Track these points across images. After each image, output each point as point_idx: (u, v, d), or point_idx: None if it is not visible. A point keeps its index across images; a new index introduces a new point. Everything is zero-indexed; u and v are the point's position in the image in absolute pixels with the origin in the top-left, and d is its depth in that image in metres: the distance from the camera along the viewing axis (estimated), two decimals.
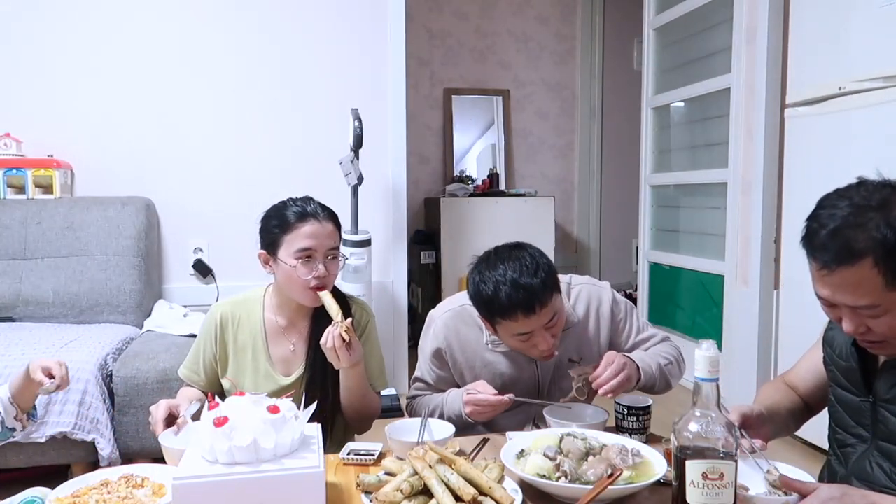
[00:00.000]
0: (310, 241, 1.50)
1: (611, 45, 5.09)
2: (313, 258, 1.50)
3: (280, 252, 1.51)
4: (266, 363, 1.59)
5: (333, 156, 3.12)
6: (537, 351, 1.47)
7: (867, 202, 1.03)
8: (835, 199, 1.06)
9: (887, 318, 1.05)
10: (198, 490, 1.03)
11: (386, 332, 3.37)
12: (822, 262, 1.05)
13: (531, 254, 1.46)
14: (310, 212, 1.52)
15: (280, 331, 1.61)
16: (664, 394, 1.59)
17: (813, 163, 2.58)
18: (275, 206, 1.57)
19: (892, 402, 1.12)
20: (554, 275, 1.45)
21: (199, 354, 1.63)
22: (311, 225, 1.51)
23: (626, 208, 4.79)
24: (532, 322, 1.41)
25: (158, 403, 1.43)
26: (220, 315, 1.61)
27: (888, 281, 1.01)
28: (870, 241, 1.00)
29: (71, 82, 3.04)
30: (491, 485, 1.03)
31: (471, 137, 5.00)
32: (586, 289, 1.64)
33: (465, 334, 1.60)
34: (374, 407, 1.60)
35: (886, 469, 1.13)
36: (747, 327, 3.10)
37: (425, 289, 4.39)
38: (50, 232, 2.81)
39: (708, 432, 0.95)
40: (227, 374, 1.61)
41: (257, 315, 1.61)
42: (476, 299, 1.47)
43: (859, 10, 2.36)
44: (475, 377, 1.58)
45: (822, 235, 1.04)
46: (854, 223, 1.02)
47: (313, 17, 3.24)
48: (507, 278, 1.40)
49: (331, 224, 1.54)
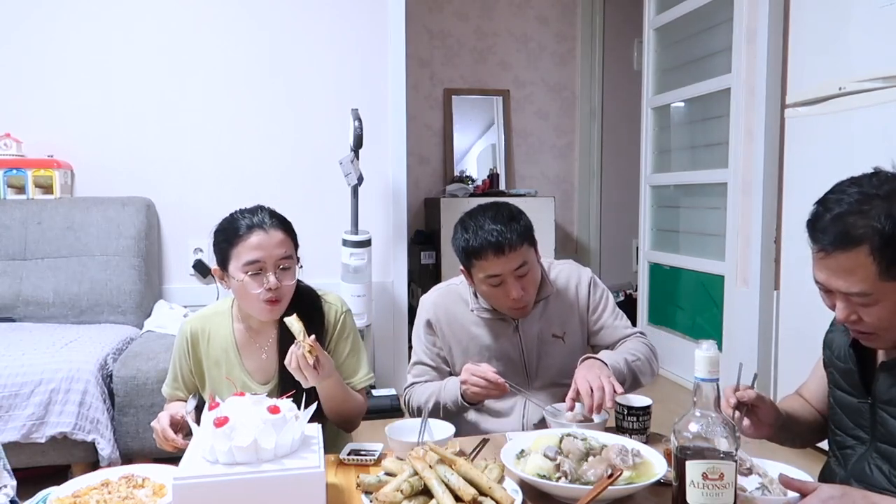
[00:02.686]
0: (257, 252, 1.44)
1: (611, 45, 5.09)
2: (263, 270, 1.44)
3: (230, 266, 1.47)
4: (242, 374, 1.56)
5: (333, 156, 3.12)
6: (509, 300, 1.54)
7: (875, 191, 1.04)
8: (846, 186, 1.08)
9: (878, 308, 1.05)
10: (198, 490, 1.03)
11: (386, 332, 3.37)
12: (821, 244, 1.06)
13: (510, 207, 1.58)
14: (255, 222, 1.46)
15: (250, 340, 1.57)
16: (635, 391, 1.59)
17: (813, 163, 2.58)
18: (224, 218, 1.52)
19: (891, 404, 1.12)
20: (528, 227, 1.56)
21: (176, 371, 1.60)
22: (256, 236, 1.44)
23: (626, 208, 4.79)
24: (501, 263, 1.50)
25: (158, 417, 1.42)
26: (191, 331, 1.57)
27: (882, 270, 1.02)
28: (868, 229, 1.01)
29: (71, 82, 3.04)
30: (491, 485, 1.03)
31: (471, 138, 5.00)
32: (567, 267, 1.74)
33: (452, 309, 1.69)
34: (357, 409, 1.57)
35: (885, 471, 1.12)
36: (747, 327, 3.10)
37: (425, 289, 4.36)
38: (50, 232, 2.81)
39: (708, 432, 0.95)
40: (206, 386, 1.58)
41: (227, 328, 1.57)
42: (456, 244, 1.58)
43: (859, 11, 2.36)
44: (463, 350, 1.66)
45: (826, 219, 1.06)
46: (857, 210, 1.03)
47: (313, 18, 3.24)
48: (483, 223, 1.52)
49: (279, 233, 1.47)
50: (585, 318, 1.69)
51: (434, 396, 1.61)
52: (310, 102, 3.26)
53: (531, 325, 1.65)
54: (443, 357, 1.70)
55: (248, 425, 1.07)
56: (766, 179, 3.00)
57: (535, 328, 1.65)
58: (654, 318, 4.07)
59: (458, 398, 1.56)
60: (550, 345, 1.66)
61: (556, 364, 1.65)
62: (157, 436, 1.40)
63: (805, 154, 2.64)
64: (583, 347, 1.69)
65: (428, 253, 4.39)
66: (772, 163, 2.98)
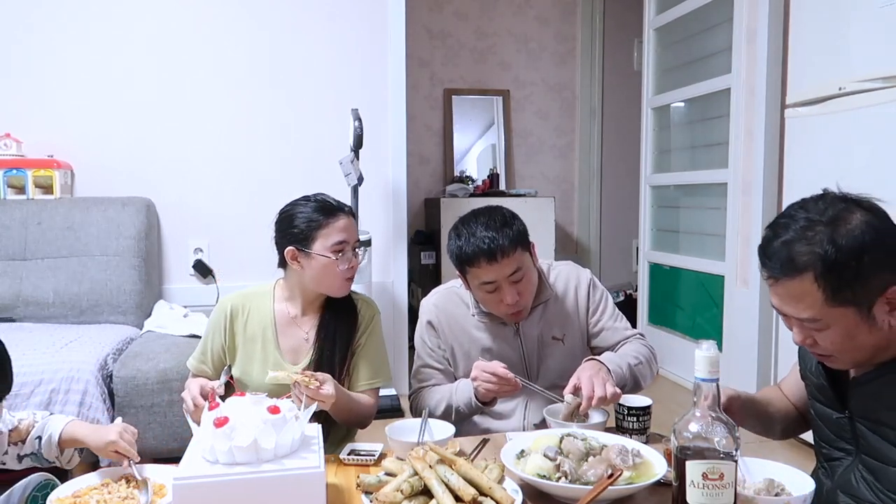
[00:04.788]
0: (343, 234, 1.57)
1: (611, 45, 5.09)
2: (345, 250, 1.56)
3: (315, 246, 1.56)
4: (275, 352, 1.62)
5: (333, 156, 3.12)
6: (504, 306, 1.55)
7: (819, 217, 1.04)
8: (795, 209, 1.08)
9: (830, 332, 1.06)
10: (198, 490, 1.03)
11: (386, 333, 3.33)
12: (770, 271, 1.07)
13: (503, 212, 1.57)
14: (337, 207, 1.60)
15: (291, 321, 1.64)
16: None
17: (813, 163, 2.58)
18: (296, 203, 1.62)
19: (867, 418, 1.12)
20: (522, 232, 1.55)
21: (207, 345, 1.66)
22: (342, 220, 1.58)
23: (626, 208, 4.79)
24: (495, 270, 1.50)
25: (187, 385, 1.50)
26: (231, 306, 1.65)
27: (828, 297, 1.02)
28: (812, 256, 1.02)
29: (71, 82, 3.04)
30: (491, 485, 1.03)
31: (471, 138, 5.00)
32: (566, 269, 1.73)
33: (453, 312, 1.69)
34: (365, 413, 1.61)
35: (870, 482, 1.12)
36: (747, 327, 3.10)
37: (425, 289, 4.37)
38: (50, 232, 2.81)
39: (708, 432, 0.95)
40: (236, 362, 1.64)
41: (268, 306, 1.65)
42: (450, 250, 1.58)
43: (859, 11, 2.36)
44: (464, 353, 1.66)
45: (773, 245, 1.07)
46: (802, 237, 1.04)
47: (313, 18, 3.24)
48: (476, 230, 1.52)
49: (353, 218, 1.63)
50: (585, 321, 1.69)
51: (445, 400, 1.59)
52: (310, 102, 3.26)
53: (531, 328, 1.65)
54: (447, 359, 1.69)
55: (248, 425, 1.07)
56: (766, 179, 3.00)
57: (536, 331, 1.65)
58: (654, 318, 4.07)
59: (471, 398, 1.55)
60: (550, 347, 1.66)
61: (557, 366, 1.65)
62: (186, 402, 1.45)
63: (805, 154, 2.64)
64: (582, 349, 1.69)
65: (428, 253, 4.39)
66: (772, 163, 2.98)
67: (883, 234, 1.02)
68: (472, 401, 1.55)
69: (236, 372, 1.63)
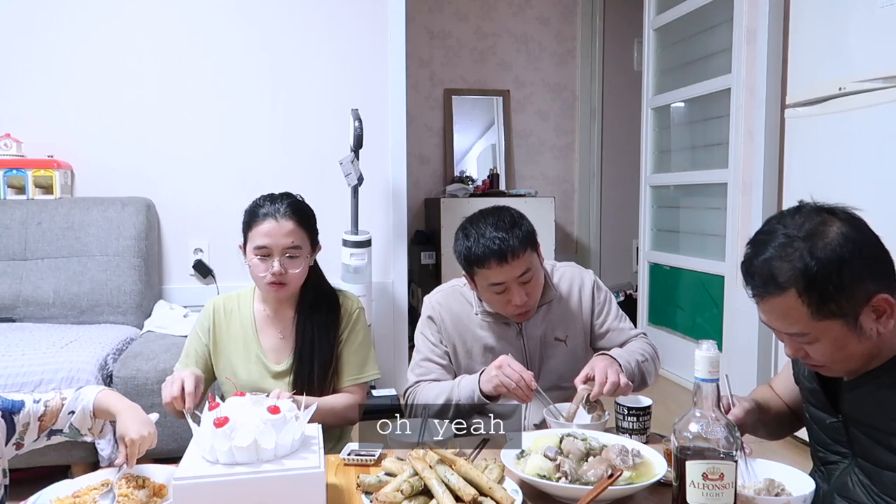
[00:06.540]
0: (265, 239, 1.57)
1: (611, 45, 5.09)
2: (270, 256, 1.57)
3: (247, 247, 1.61)
4: (257, 350, 1.65)
5: (333, 156, 3.12)
6: (511, 306, 1.55)
7: (797, 233, 1.04)
8: (774, 223, 1.09)
9: (820, 345, 1.06)
10: (198, 490, 1.03)
11: (386, 333, 3.37)
12: (754, 289, 1.08)
13: (511, 213, 1.57)
14: (269, 211, 1.59)
15: (268, 321, 1.67)
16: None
17: (813, 163, 2.58)
18: (253, 200, 1.66)
19: (861, 423, 1.12)
20: (531, 233, 1.55)
21: (191, 347, 1.68)
22: (268, 224, 1.57)
23: (626, 209, 4.79)
24: (505, 272, 1.50)
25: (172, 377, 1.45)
26: (214, 308, 1.70)
27: (813, 311, 1.02)
28: (793, 272, 1.02)
29: (71, 82, 3.03)
30: (491, 485, 1.03)
31: (471, 138, 5.00)
32: (569, 270, 1.73)
33: (456, 310, 1.69)
34: (349, 417, 1.63)
35: (866, 486, 1.12)
36: (747, 327, 3.10)
37: (425, 289, 4.37)
38: (50, 232, 2.81)
39: (708, 433, 0.95)
40: (221, 361, 1.65)
41: (248, 307, 1.69)
42: (458, 251, 1.57)
43: (859, 11, 2.36)
44: (466, 351, 1.66)
45: (754, 264, 1.07)
46: (781, 254, 1.04)
47: (313, 18, 3.24)
48: (485, 230, 1.51)
49: (290, 223, 1.58)
50: (589, 322, 1.69)
51: (445, 394, 1.58)
52: (310, 102, 3.26)
53: (534, 328, 1.65)
54: (448, 354, 1.69)
55: (248, 425, 1.07)
56: (766, 179, 3.00)
57: (539, 331, 1.65)
58: (655, 318, 4.07)
59: (475, 391, 1.52)
60: (553, 348, 1.66)
61: (559, 367, 1.65)
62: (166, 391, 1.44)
63: (805, 154, 2.64)
64: (584, 350, 1.69)
65: (428, 253, 4.39)
66: (772, 163, 2.98)
67: (860, 245, 1.02)
68: (476, 394, 1.52)
69: (223, 373, 1.64)
